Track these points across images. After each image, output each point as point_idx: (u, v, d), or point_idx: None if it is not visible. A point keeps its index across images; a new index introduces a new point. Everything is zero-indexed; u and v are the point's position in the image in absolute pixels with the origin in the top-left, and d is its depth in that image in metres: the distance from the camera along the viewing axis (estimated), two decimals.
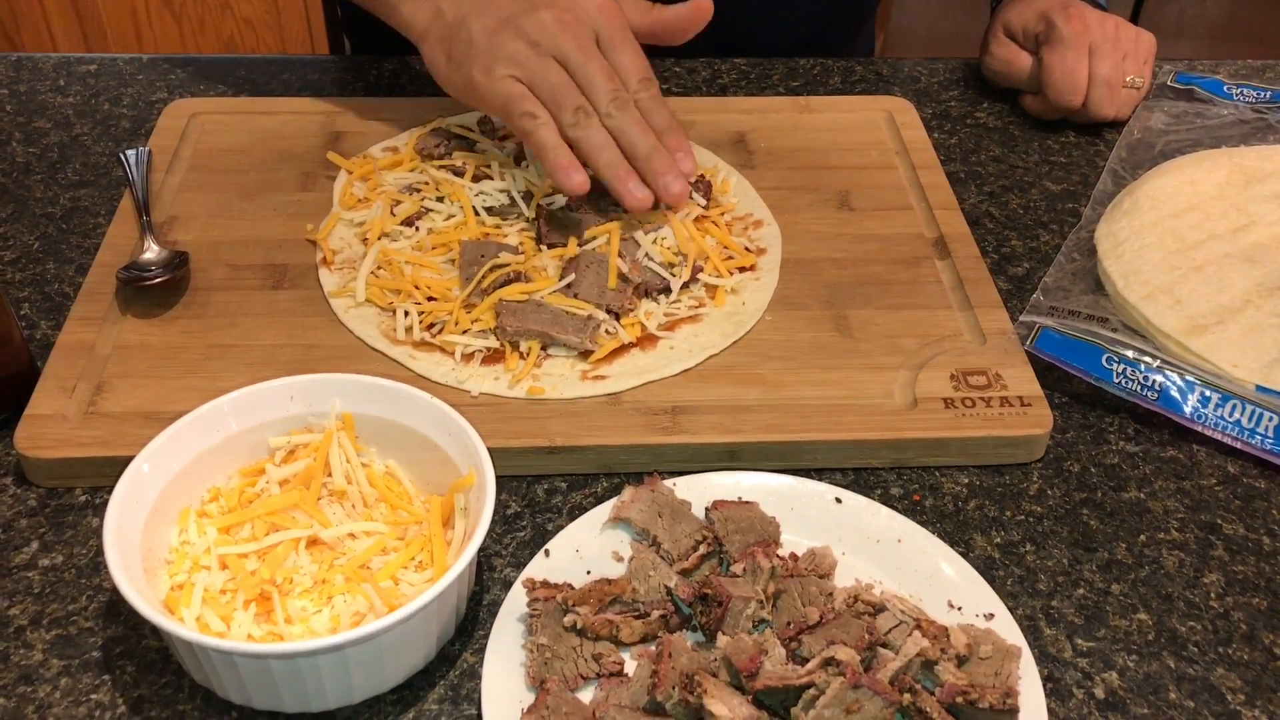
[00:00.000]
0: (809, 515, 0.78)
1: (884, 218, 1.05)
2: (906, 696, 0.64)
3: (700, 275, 0.96)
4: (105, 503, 0.69)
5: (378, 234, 0.97)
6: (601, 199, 1.01)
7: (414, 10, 1.03)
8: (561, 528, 0.77)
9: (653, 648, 0.70)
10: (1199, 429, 0.87)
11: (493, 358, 0.88)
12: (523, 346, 0.89)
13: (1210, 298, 0.92)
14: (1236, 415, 0.86)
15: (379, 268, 0.95)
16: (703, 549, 0.75)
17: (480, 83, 0.97)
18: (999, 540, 0.81)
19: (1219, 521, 0.83)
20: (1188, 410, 0.86)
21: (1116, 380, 0.88)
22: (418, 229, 0.99)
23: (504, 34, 0.96)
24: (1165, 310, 0.92)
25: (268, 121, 1.13)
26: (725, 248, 1.00)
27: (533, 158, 1.05)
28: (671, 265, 0.96)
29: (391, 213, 1.00)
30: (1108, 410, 0.90)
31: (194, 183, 1.06)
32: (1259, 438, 0.85)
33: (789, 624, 0.70)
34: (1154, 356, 0.88)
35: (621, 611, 0.72)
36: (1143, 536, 0.81)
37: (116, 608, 0.74)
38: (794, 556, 0.76)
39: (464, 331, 0.90)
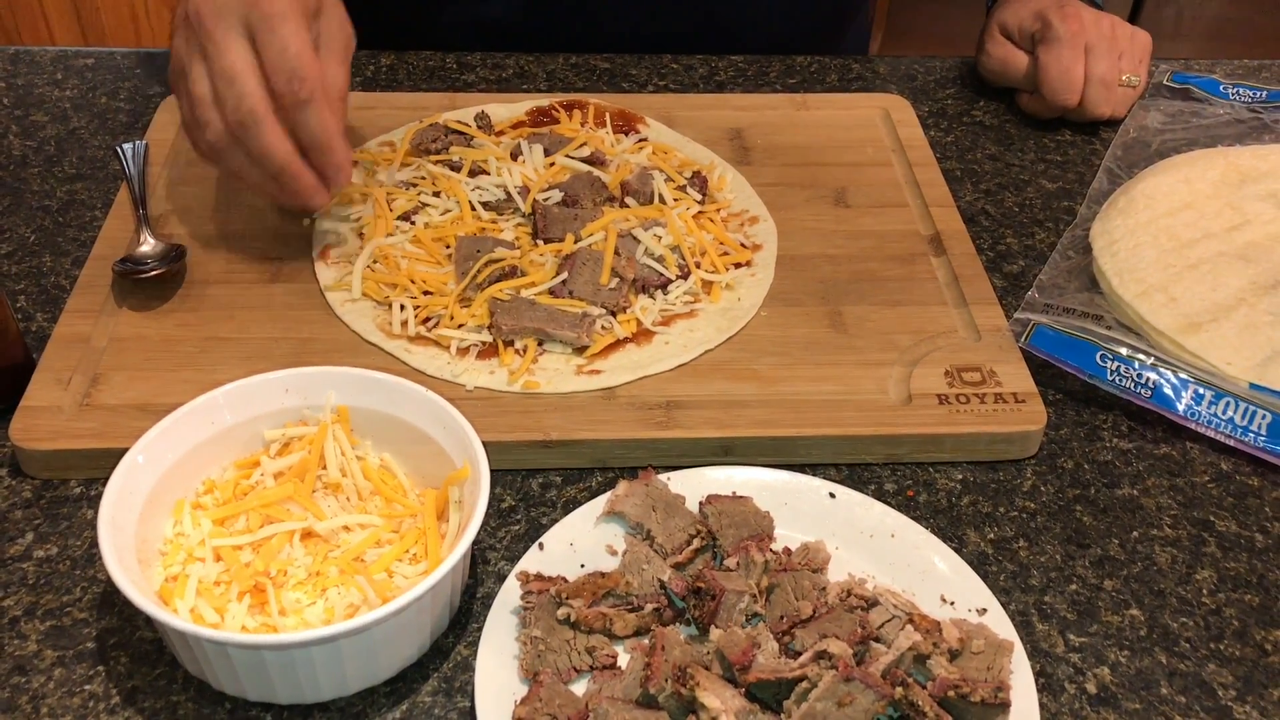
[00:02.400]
0: (802, 510, 0.79)
1: (880, 214, 1.05)
2: (898, 690, 0.64)
3: (696, 271, 0.96)
4: (100, 494, 0.69)
5: (380, 230, 0.97)
6: (598, 196, 1.01)
7: None
8: (556, 521, 0.77)
9: (646, 641, 0.70)
10: (1192, 426, 0.87)
11: (488, 352, 0.89)
12: (518, 343, 0.89)
13: (1204, 296, 0.93)
14: (1230, 413, 0.86)
15: (375, 262, 0.95)
16: (696, 543, 0.75)
17: (172, 90, 0.91)
18: (992, 536, 0.81)
19: (1212, 518, 0.83)
20: (1181, 408, 0.87)
21: (1110, 377, 0.88)
22: (414, 223, 0.99)
23: (177, 31, 0.89)
24: (1160, 308, 0.92)
25: None
26: (721, 243, 1.00)
27: (529, 152, 1.06)
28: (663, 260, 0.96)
29: (389, 207, 1.00)
30: (1101, 407, 0.91)
31: (191, 177, 1.06)
32: (1252, 435, 0.86)
33: (782, 618, 0.71)
34: (1148, 354, 0.88)
35: (615, 605, 0.72)
36: (1135, 533, 0.82)
37: (111, 599, 0.74)
38: (787, 551, 0.76)
39: (459, 326, 0.90)
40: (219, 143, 0.87)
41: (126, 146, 1.06)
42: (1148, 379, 0.87)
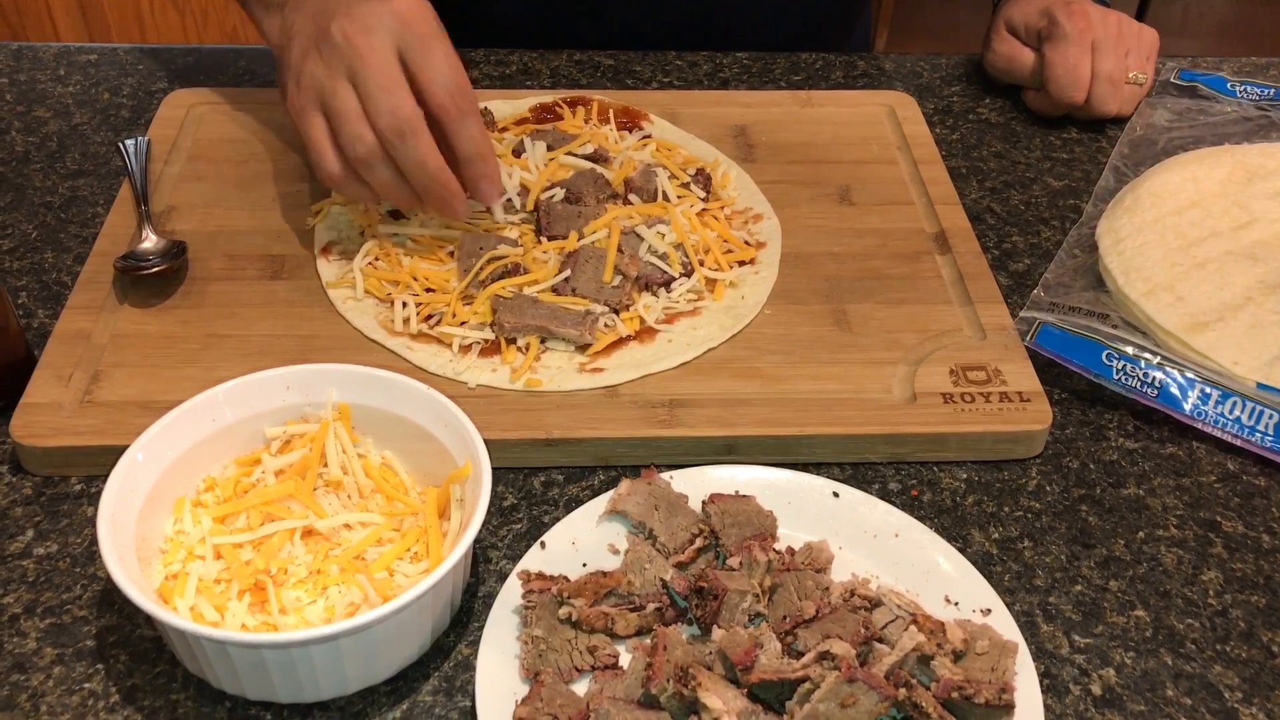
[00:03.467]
0: (806, 509, 0.78)
1: (884, 212, 1.05)
2: (902, 691, 0.64)
3: (700, 269, 0.96)
4: (100, 492, 0.68)
5: (376, 228, 0.97)
6: (601, 193, 1.01)
7: (270, 25, 0.97)
8: (558, 520, 0.77)
9: (648, 640, 0.70)
10: (1199, 426, 0.86)
11: (490, 349, 0.88)
12: (521, 341, 0.89)
13: (1211, 295, 0.92)
14: (1237, 412, 0.86)
15: (377, 259, 0.95)
16: (699, 542, 0.75)
17: (297, 120, 0.90)
18: (997, 536, 0.80)
19: (1218, 519, 0.82)
20: (1188, 407, 0.86)
21: (1116, 377, 0.87)
22: (410, 219, 0.98)
23: (309, 58, 0.89)
24: (1166, 307, 0.92)
25: (267, 112, 1.13)
26: (725, 241, 0.99)
27: (532, 148, 1.05)
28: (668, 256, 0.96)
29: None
30: (1107, 407, 0.90)
31: (193, 173, 1.06)
32: (1259, 435, 0.85)
33: (785, 618, 0.70)
34: (1154, 353, 0.87)
35: (617, 604, 0.72)
36: (1141, 533, 0.81)
37: (111, 597, 0.74)
38: (790, 550, 0.75)
39: (462, 324, 0.90)
40: (369, 157, 0.87)
41: (129, 143, 1.06)
42: (1154, 378, 0.87)
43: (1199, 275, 0.94)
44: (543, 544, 0.75)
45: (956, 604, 0.73)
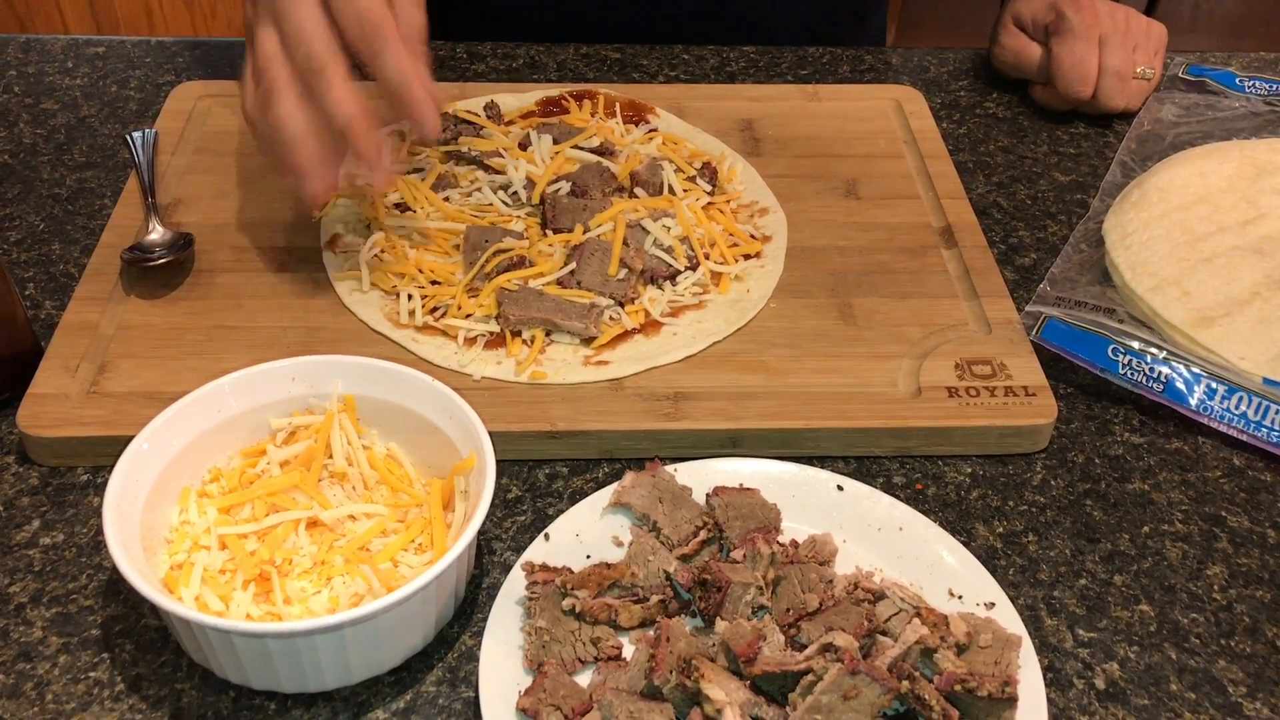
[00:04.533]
0: (810, 502, 0.78)
1: (891, 206, 1.05)
2: (905, 684, 0.64)
3: (705, 262, 0.96)
4: (107, 482, 0.69)
5: (380, 220, 0.97)
6: (607, 186, 1.01)
7: None
8: (562, 512, 0.77)
9: (651, 632, 0.70)
10: (1205, 421, 0.86)
11: (495, 342, 0.88)
12: (526, 334, 0.89)
13: (1218, 290, 0.92)
14: (1243, 408, 0.85)
15: (382, 251, 0.95)
16: (703, 535, 0.75)
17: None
18: (1001, 530, 0.80)
19: (1223, 514, 0.82)
20: (1194, 402, 0.86)
21: (1122, 371, 0.87)
22: (414, 213, 0.98)
23: (246, 2, 0.85)
24: (1173, 302, 0.91)
25: None
26: (731, 234, 0.99)
27: (538, 142, 1.05)
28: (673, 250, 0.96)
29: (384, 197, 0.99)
30: (1113, 401, 0.90)
31: (200, 165, 1.06)
32: (1265, 430, 0.85)
33: (788, 610, 0.70)
34: (1160, 348, 0.87)
35: (620, 596, 0.72)
36: (1146, 528, 0.81)
37: (116, 586, 0.74)
38: (794, 543, 0.75)
39: (467, 316, 0.90)
40: (268, 93, 0.82)
41: (136, 135, 1.06)
42: (1160, 373, 0.86)
43: (1206, 270, 0.94)
44: (547, 536, 0.75)
45: (960, 598, 0.73)
